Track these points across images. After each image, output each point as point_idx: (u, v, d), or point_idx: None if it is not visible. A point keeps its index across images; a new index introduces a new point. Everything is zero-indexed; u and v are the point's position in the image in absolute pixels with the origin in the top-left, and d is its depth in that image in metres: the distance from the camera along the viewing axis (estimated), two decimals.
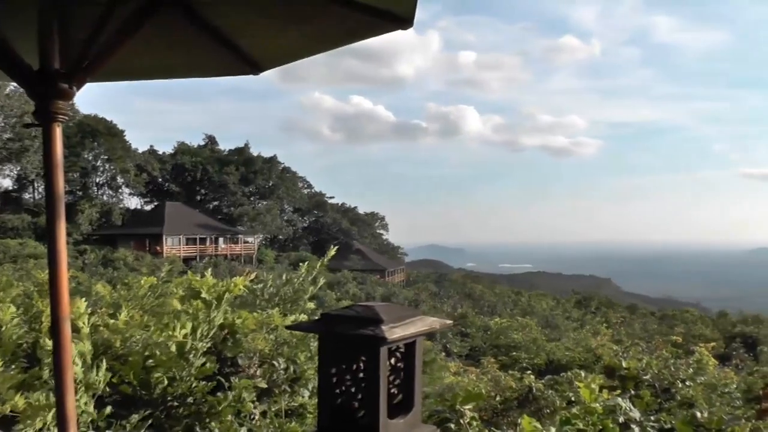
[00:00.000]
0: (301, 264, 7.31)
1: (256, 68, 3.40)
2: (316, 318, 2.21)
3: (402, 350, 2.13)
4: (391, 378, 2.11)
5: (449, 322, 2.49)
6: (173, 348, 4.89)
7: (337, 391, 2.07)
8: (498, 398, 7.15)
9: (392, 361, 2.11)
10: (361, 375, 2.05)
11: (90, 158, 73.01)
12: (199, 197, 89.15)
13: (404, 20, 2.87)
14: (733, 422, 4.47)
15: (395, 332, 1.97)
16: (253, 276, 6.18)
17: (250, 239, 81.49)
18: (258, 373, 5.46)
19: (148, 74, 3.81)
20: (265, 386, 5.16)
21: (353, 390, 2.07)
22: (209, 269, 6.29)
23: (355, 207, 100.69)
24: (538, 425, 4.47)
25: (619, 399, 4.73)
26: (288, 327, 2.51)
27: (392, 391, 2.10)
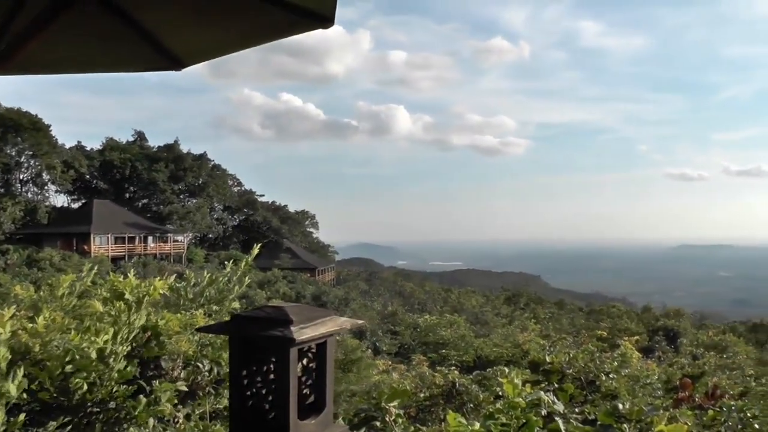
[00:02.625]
0: (226, 263, 7.21)
1: (178, 64, 3.33)
2: (226, 319, 2.18)
3: (314, 351, 2.12)
4: (304, 379, 2.10)
5: (360, 321, 2.49)
6: (93, 353, 4.76)
7: (248, 393, 2.05)
8: (423, 394, 7.20)
9: (304, 361, 2.09)
10: (272, 376, 2.03)
11: (13, 153, 70.45)
12: (128, 195, 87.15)
13: (325, 19, 2.88)
14: (652, 412, 4.59)
15: (304, 333, 1.96)
16: (172, 278, 6.06)
17: (179, 238, 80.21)
18: (182, 375, 5.36)
19: (66, 68, 3.71)
20: (186, 389, 5.07)
21: (264, 392, 2.05)
22: (132, 270, 6.13)
23: (286, 205, 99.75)
24: (463, 420, 4.51)
25: (542, 393, 4.81)
26: (198, 329, 2.47)
27: (305, 391, 2.09)
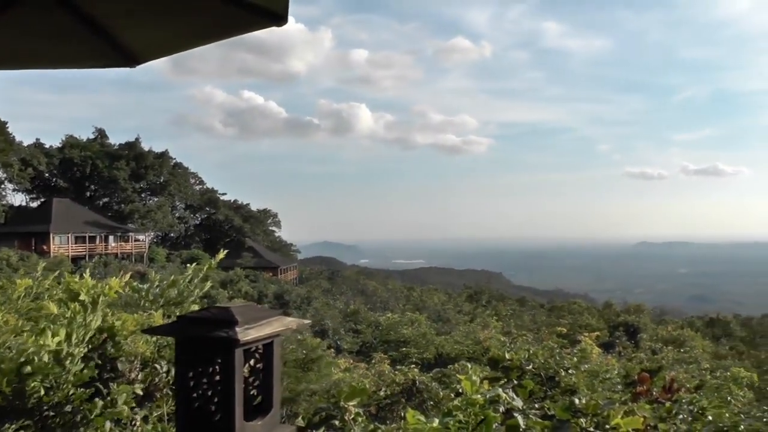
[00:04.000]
0: (188, 265, 7.15)
1: (133, 61, 3.30)
2: (173, 321, 2.16)
3: (261, 351, 2.10)
4: (251, 380, 2.09)
5: (307, 322, 2.49)
6: (45, 356, 4.68)
7: (195, 395, 2.03)
8: (383, 392, 7.21)
9: (251, 362, 2.08)
10: (217, 378, 2.01)
11: None
12: (88, 193, 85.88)
13: (279, 17, 2.88)
14: (608, 406, 4.64)
15: (249, 334, 1.95)
16: (127, 277, 5.98)
17: (141, 237, 79.28)
18: (139, 377, 5.30)
19: (16, 64, 3.63)
20: (141, 392, 5.01)
21: (210, 393, 2.03)
22: (88, 270, 6.05)
23: (248, 204, 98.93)
24: (422, 418, 4.52)
25: (500, 389, 4.84)
26: (144, 331, 2.45)
27: (252, 392, 2.08)
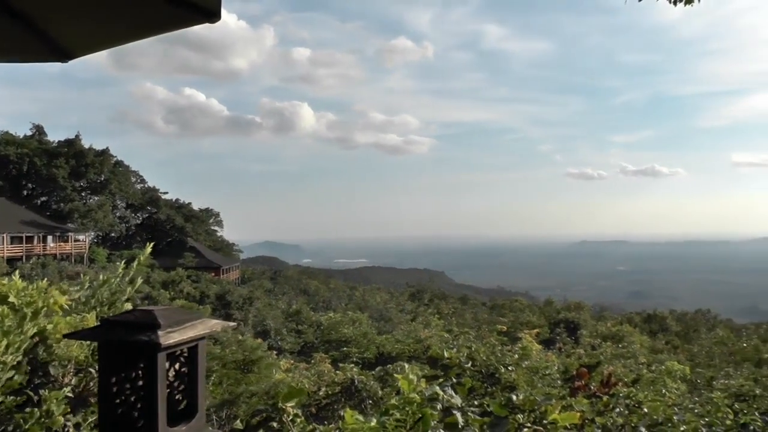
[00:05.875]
0: (118, 263, 6.98)
1: (63, 55, 3.22)
2: (96, 324, 2.10)
3: (186, 355, 2.06)
4: (176, 384, 2.04)
5: (232, 324, 2.46)
6: None
7: (118, 400, 1.98)
8: (323, 392, 7.19)
9: (176, 366, 2.04)
10: (141, 383, 1.97)
11: None
12: (25, 192, 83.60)
13: (211, 13, 2.86)
14: (546, 402, 4.71)
15: (172, 337, 1.91)
16: (66, 286, 5.82)
17: (81, 237, 77.38)
18: (72, 382, 5.17)
19: None
20: (72, 395, 4.88)
21: (133, 399, 1.98)
22: (17, 271, 5.87)
23: (190, 203, 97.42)
24: (360, 417, 4.52)
25: (437, 387, 4.86)
26: (65, 335, 2.39)
27: (177, 397, 2.04)
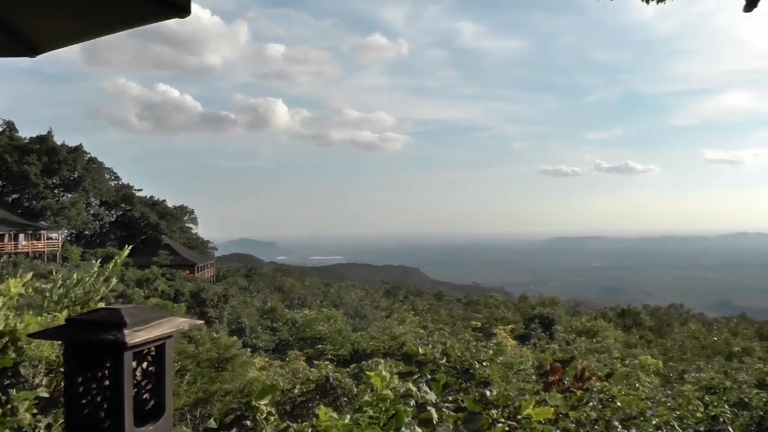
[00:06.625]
0: (93, 261, 6.91)
1: (30, 50, 3.19)
2: (61, 324, 2.08)
3: (153, 353, 2.04)
4: (143, 383, 2.02)
5: (199, 322, 2.43)
6: None
7: (84, 400, 1.96)
8: (297, 390, 7.17)
9: (144, 365, 2.02)
10: (107, 383, 1.94)
11: None
12: None
13: (181, 8, 2.85)
14: (519, 397, 4.73)
15: (138, 336, 1.89)
16: (29, 276, 5.74)
17: (54, 235, 76.43)
18: (43, 382, 5.11)
19: None
20: (47, 395, 4.82)
21: (99, 399, 1.96)
22: None
23: (164, 200, 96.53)
24: (334, 415, 4.51)
25: (410, 384, 4.87)
26: (30, 335, 2.35)
27: (144, 396, 2.02)
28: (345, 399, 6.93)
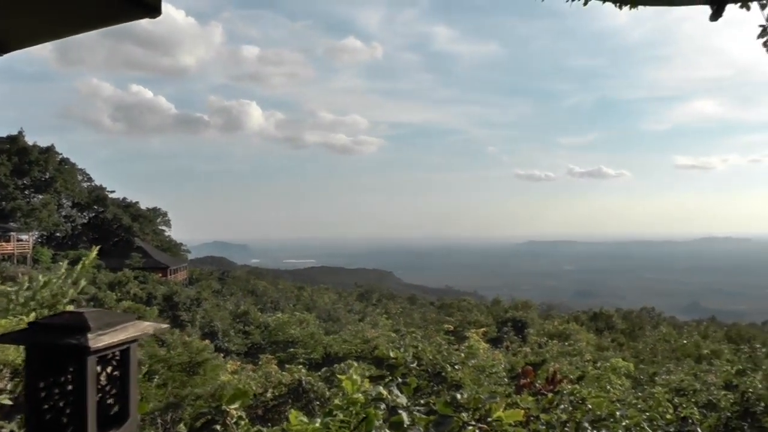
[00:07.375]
0: (61, 263, 6.82)
1: (1, 48, 3.14)
2: (23, 328, 2.04)
3: (118, 358, 2.02)
4: (108, 388, 1.99)
5: (165, 326, 2.41)
6: None
7: (46, 406, 1.93)
8: (270, 394, 7.13)
9: (108, 370, 1.99)
10: (70, 388, 1.91)
11: None
12: None
13: (152, 8, 2.81)
14: (490, 400, 4.74)
15: (102, 340, 1.86)
16: None
17: (24, 237, 75.34)
18: (8, 387, 5.04)
19: None
20: (10, 402, 4.76)
21: (62, 404, 1.92)
22: None
23: (137, 202, 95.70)
24: (305, 419, 4.50)
25: (381, 387, 4.87)
26: None
27: (108, 401, 1.99)
28: (317, 403, 6.90)
